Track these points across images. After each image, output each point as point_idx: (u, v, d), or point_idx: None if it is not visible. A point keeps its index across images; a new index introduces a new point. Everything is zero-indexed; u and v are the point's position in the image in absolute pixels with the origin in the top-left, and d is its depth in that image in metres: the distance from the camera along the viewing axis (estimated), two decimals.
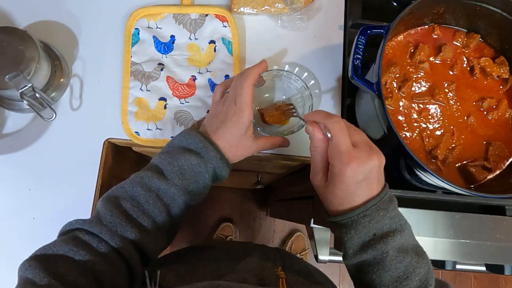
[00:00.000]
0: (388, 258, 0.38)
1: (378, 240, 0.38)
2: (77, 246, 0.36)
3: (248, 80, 0.47)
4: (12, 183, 0.53)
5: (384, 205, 0.39)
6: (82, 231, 0.38)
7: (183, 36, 0.59)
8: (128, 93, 0.56)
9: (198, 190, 0.45)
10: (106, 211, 0.39)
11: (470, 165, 0.50)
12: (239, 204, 1.60)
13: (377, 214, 0.38)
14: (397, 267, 0.38)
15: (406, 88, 0.52)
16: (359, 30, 0.45)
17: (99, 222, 0.38)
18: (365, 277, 0.40)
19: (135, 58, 0.58)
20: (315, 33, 0.62)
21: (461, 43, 0.55)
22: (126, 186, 0.42)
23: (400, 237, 0.38)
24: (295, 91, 0.56)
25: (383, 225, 0.38)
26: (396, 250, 0.38)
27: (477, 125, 0.52)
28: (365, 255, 0.39)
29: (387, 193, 0.39)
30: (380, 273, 0.38)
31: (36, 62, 0.49)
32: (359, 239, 0.39)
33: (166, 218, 0.42)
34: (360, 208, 0.38)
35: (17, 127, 0.55)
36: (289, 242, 1.48)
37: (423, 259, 0.39)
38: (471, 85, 0.54)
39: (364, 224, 0.38)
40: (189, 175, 0.44)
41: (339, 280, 1.57)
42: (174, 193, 0.42)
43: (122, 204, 0.40)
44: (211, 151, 0.44)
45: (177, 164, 0.43)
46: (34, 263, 0.33)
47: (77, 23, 0.59)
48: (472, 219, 0.56)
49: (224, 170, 0.46)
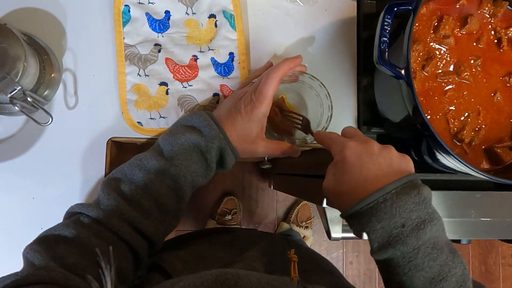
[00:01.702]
0: (420, 255, 0.34)
1: (409, 233, 0.34)
2: (76, 229, 0.36)
3: (277, 72, 0.44)
4: (14, 193, 0.50)
5: (406, 190, 0.35)
6: (82, 215, 0.38)
7: (179, 11, 0.53)
8: (125, 80, 0.52)
9: (201, 171, 0.43)
10: (104, 194, 0.39)
11: (496, 146, 0.48)
12: (241, 177, 1.59)
13: (398, 198, 0.35)
14: (431, 266, 0.34)
15: (431, 67, 0.48)
16: (385, 8, 0.41)
17: (97, 206, 0.38)
18: (395, 278, 0.36)
19: (128, 39, 0.52)
20: (326, 6, 0.56)
21: (488, 12, 0.50)
22: (126, 169, 0.41)
23: (431, 229, 0.34)
24: (309, 91, 0.52)
25: (410, 212, 0.34)
26: (429, 246, 0.34)
27: (504, 103, 0.49)
28: (394, 251, 0.35)
29: (412, 180, 0.36)
30: (411, 273, 0.35)
31: (23, 60, 0.44)
32: (383, 230, 0.35)
33: (166, 200, 0.41)
34: (378, 192, 0.35)
35: (10, 132, 0.50)
36: (295, 211, 1.49)
37: (458, 257, 0.36)
38: (497, 59, 0.50)
39: (385, 209, 0.35)
40: (190, 155, 0.42)
41: (342, 243, 1.61)
42: (174, 174, 0.41)
43: (121, 187, 0.40)
44: (214, 130, 0.42)
45: (176, 144, 0.41)
46: (35, 246, 0.34)
47: (60, 7, 0.52)
48: (493, 197, 0.55)
49: (228, 154, 0.44)
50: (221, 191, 1.57)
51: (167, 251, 0.49)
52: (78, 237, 0.36)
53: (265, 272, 0.42)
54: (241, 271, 0.32)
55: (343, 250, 1.61)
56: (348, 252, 1.61)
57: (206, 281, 0.29)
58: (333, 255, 1.59)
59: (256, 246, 0.49)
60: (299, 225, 1.47)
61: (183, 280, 0.30)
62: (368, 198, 0.35)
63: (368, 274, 1.62)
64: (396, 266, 0.36)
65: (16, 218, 0.50)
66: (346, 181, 0.37)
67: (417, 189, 0.36)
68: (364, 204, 0.35)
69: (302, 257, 0.52)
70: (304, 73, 0.50)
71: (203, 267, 0.46)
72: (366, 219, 0.36)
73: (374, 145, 0.38)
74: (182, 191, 0.42)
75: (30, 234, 0.49)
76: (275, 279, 0.32)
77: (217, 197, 1.55)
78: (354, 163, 0.37)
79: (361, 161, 0.37)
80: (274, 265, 0.46)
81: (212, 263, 0.46)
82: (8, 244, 0.50)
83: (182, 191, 0.42)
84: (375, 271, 1.62)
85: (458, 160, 0.42)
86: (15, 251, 0.50)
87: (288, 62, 0.45)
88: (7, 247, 0.50)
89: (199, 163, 0.42)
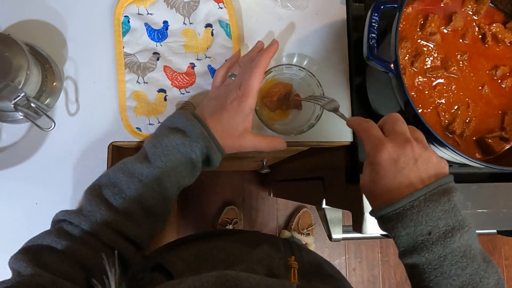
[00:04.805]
0: (446, 263, 0.33)
1: (435, 241, 0.33)
2: (59, 236, 0.37)
3: (259, 66, 0.44)
4: (17, 199, 0.50)
5: (435, 196, 0.34)
6: (65, 222, 0.39)
7: (176, 21, 0.55)
8: (125, 87, 0.53)
9: (187, 171, 0.43)
10: (86, 201, 0.39)
11: (487, 136, 0.49)
12: (241, 186, 1.60)
13: (426, 205, 0.34)
14: (458, 274, 0.33)
15: (419, 63, 0.50)
16: (372, 7, 0.43)
17: (79, 213, 0.39)
18: (421, 284, 0.36)
19: (127, 48, 0.54)
20: (316, 10, 0.58)
21: (471, 9, 0.53)
22: (110, 173, 0.41)
23: (460, 237, 0.33)
24: (300, 82, 0.54)
25: (437, 220, 0.33)
26: (458, 255, 0.33)
27: (492, 95, 0.51)
28: (419, 258, 0.34)
29: (443, 185, 0.35)
30: (438, 280, 0.34)
31: (26, 69, 0.46)
32: (408, 237, 0.35)
33: (151, 202, 0.40)
34: (405, 198, 0.34)
35: (13, 139, 0.51)
36: (296, 219, 1.49)
37: (492, 267, 0.34)
38: (483, 54, 0.52)
39: (411, 217, 0.34)
40: (174, 156, 0.41)
41: (344, 249, 1.61)
42: (157, 176, 0.40)
43: (103, 193, 0.40)
44: (197, 129, 0.41)
45: (160, 146, 0.41)
46: (20, 255, 0.35)
47: (61, 19, 0.54)
48: (487, 188, 0.57)
49: (214, 152, 0.43)
50: (221, 201, 1.57)
51: (169, 252, 0.49)
52: (60, 245, 0.36)
53: (266, 275, 0.42)
54: (241, 273, 0.32)
55: (346, 257, 1.60)
56: (351, 258, 1.60)
57: (206, 283, 0.29)
58: (336, 262, 1.58)
59: (257, 249, 0.50)
60: (301, 232, 1.47)
61: (184, 282, 0.30)
62: (396, 204, 0.35)
63: (372, 280, 1.60)
64: (422, 272, 0.35)
65: (19, 223, 0.50)
66: (380, 185, 0.36)
67: (447, 195, 0.34)
68: (391, 209, 0.35)
69: (303, 261, 0.52)
70: (292, 66, 0.51)
71: (205, 268, 0.46)
72: (392, 224, 0.35)
73: (414, 148, 0.36)
74: (167, 192, 0.42)
75: None
76: (274, 282, 0.32)
77: (217, 207, 1.56)
78: (390, 168, 0.35)
79: (397, 167, 0.35)
80: (274, 268, 0.46)
81: (214, 265, 0.47)
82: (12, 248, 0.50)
83: (167, 193, 0.41)
84: (378, 277, 1.61)
85: (452, 150, 0.43)
86: None
87: (267, 53, 0.45)
88: (12, 250, 0.50)
89: (184, 164, 0.42)
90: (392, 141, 0.36)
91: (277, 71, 0.52)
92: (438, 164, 0.36)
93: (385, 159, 0.35)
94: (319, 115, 0.50)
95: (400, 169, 0.35)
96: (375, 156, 0.36)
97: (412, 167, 0.35)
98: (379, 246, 1.61)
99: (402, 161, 0.35)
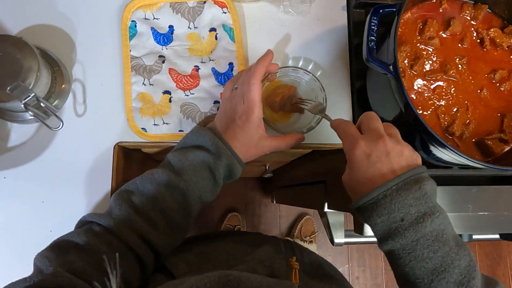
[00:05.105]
0: (419, 247, 0.35)
1: (407, 227, 0.36)
2: (88, 236, 0.37)
3: (255, 77, 0.46)
4: (25, 197, 0.52)
5: (407, 186, 0.36)
6: (94, 223, 0.40)
7: (182, 26, 0.57)
8: (131, 89, 0.55)
9: (209, 187, 0.45)
10: (115, 205, 0.40)
11: (486, 138, 0.50)
12: (244, 193, 1.60)
13: (398, 194, 0.36)
14: (431, 257, 0.35)
15: (418, 66, 0.51)
16: (371, 10, 0.44)
17: (109, 216, 0.40)
18: (400, 270, 0.38)
19: (134, 52, 0.56)
20: (318, 16, 0.60)
21: (469, 15, 0.54)
22: (138, 182, 0.43)
23: (432, 222, 0.35)
24: (304, 85, 0.55)
25: (409, 207, 0.36)
26: (430, 239, 0.35)
27: (491, 98, 0.52)
28: (394, 243, 0.37)
29: (415, 175, 0.37)
30: (412, 264, 0.36)
31: (36, 70, 0.47)
32: (383, 224, 0.37)
33: (175, 213, 0.42)
34: (379, 188, 0.36)
35: (22, 139, 0.53)
36: (298, 226, 1.49)
37: (464, 250, 0.36)
38: (482, 58, 0.53)
39: (385, 205, 0.36)
40: (200, 172, 0.43)
41: (347, 257, 1.60)
42: (183, 189, 0.42)
43: (132, 199, 0.41)
44: (221, 148, 0.44)
45: (187, 160, 0.43)
46: (46, 252, 0.35)
47: (71, 23, 0.56)
48: (488, 191, 0.57)
49: (236, 167, 0.46)
50: (224, 207, 1.57)
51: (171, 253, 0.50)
52: (88, 244, 0.37)
53: (267, 275, 0.42)
54: (243, 273, 0.32)
55: (349, 265, 1.59)
56: (354, 267, 1.59)
57: (208, 283, 0.30)
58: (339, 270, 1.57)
59: (259, 249, 0.50)
60: (303, 239, 1.46)
61: (185, 282, 0.31)
62: (369, 195, 0.37)
63: None
64: (398, 257, 0.37)
65: (26, 221, 0.51)
66: (356, 178, 0.39)
67: (418, 184, 0.36)
68: (366, 200, 0.37)
69: (304, 261, 0.52)
70: (298, 68, 0.53)
71: (207, 269, 0.47)
72: (368, 214, 0.38)
73: (386, 143, 0.38)
74: (190, 206, 0.43)
75: (39, 237, 0.51)
76: (276, 282, 0.33)
77: (220, 213, 1.56)
78: (362, 162, 0.38)
79: (369, 161, 0.38)
80: (276, 269, 0.46)
81: (216, 265, 0.47)
82: (19, 245, 0.51)
83: (190, 206, 0.43)
84: (382, 286, 1.59)
85: (452, 151, 0.44)
86: (25, 252, 0.51)
87: (262, 62, 0.47)
88: (18, 248, 0.51)
89: (207, 180, 0.44)
90: (365, 138, 0.39)
91: (282, 72, 0.53)
92: (411, 157, 0.38)
93: (359, 154, 0.38)
94: (320, 119, 0.51)
95: (373, 163, 0.37)
96: (350, 153, 0.39)
97: (384, 160, 0.37)
98: (382, 254, 1.59)
99: (374, 155, 0.38)
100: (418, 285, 0.36)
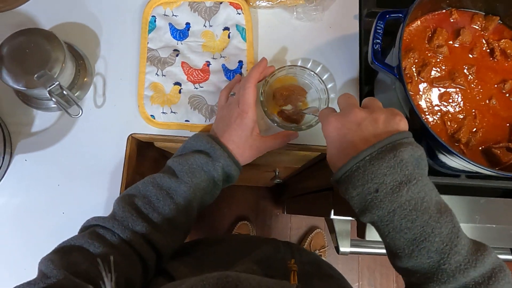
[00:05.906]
0: (396, 218, 0.34)
1: (383, 198, 0.34)
2: (92, 238, 0.38)
3: (250, 81, 0.49)
4: (42, 179, 0.55)
5: (381, 154, 0.34)
6: (98, 226, 0.41)
7: (198, 24, 0.61)
8: (145, 78, 0.58)
9: (209, 189, 0.47)
10: (119, 207, 0.42)
11: (494, 147, 0.50)
12: (255, 202, 1.61)
13: (371, 164, 0.34)
14: (409, 227, 0.33)
15: (426, 73, 0.51)
16: (378, 15, 0.46)
17: (112, 218, 0.41)
18: (383, 241, 0.37)
19: (151, 44, 0.59)
20: (330, 23, 0.62)
21: (479, 26, 0.54)
22: (140, 186, 0.44)
23: (408, 191, 0.33)
24: (310, 86, 0.57)
25: (383, 177, 0.34)
26: (407, 208, 0.33)
27: (500, 107, 0.52)
28: (371, 216, 0.35)
29: (393, 142, 0.35)
30: (392, 235, 0.35)
31: (62, 61, 0.51)
32: (359, 197, 0.36)
33: (177, 215, 0.44)
34: (352, 160, 0.35)
35: (45, 125, 0.57)
36: (308, 239, 1.47)
37: (446, 217, 0.34)
38: (491, 68, 0.53)
39: (358, 177, 0.35)
40: (199, 174, 0.45)
41: (358, 275, 1.56)
42: (184, 190, 0.44)
43: (135, 202, 0.43)
44: (218, 150, 0.46)
45: (186, 164, 0.45)
46: (51, 255, 0.35)
47: (98, 22, 0.61)
48: (497, 203, 0.56)
49: (233, 169, 0.48)
50: (235, 215, 1.58)
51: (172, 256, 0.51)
52: (92, 246, 0.37)
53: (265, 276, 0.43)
54: (241, 274, 0.32)
55: (359, 283, 1.55)
56: (364, 285, 1.55)
57: (207, 284, 0.30)
58: None
59: (258, 250, 0.51)
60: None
61: (185, 283, 0.31)
62: (344, 167, 0.36)
63: None
64: (378, 229, 0.36)
65: (41, 202, 0.55)
66: (332, 153, 0.39)
67: (394, 151, 0.34)
68: (341, 173, 0.36)
69: (303, 261, 0.52)
70: (304, 68, 0.55)
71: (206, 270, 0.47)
72: (345, 187, 0.37)
73: (356, 114, 0.37)
74: (191, 207, 0.45)
75: (52, 218, 0.54)
76: (275, 283, 0.33)
77: (230, 221, 1.56)
78: (334, 137, 0.38)
79: (340, 134, 0.37)
80: (274, 270, 0.47)
81: (215, 266, 0.47)
82: (33, 224, 0.54)
83: (191, 207, 0.45)
84: None
85: (458, 157, 0.43)
86: (37, 230, 0.54)
87: (256, 68, 0.50)
88: (32, 226, 0.54)
89: (207, 182, 0.46)
90: (337, 114, 0.39)
91: (288, 69, 0.55)
92: (387, 123, 0.36)
93: (331, 130, 0.39)
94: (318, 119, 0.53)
95: (343, 135, 0.37)
96: (324, 131, 0.40)
97: (356, 131, 0.36)
98: (394, 274, 1.55)
99: (345, 127, 0.37)
100: (400, 255, 0.35)
